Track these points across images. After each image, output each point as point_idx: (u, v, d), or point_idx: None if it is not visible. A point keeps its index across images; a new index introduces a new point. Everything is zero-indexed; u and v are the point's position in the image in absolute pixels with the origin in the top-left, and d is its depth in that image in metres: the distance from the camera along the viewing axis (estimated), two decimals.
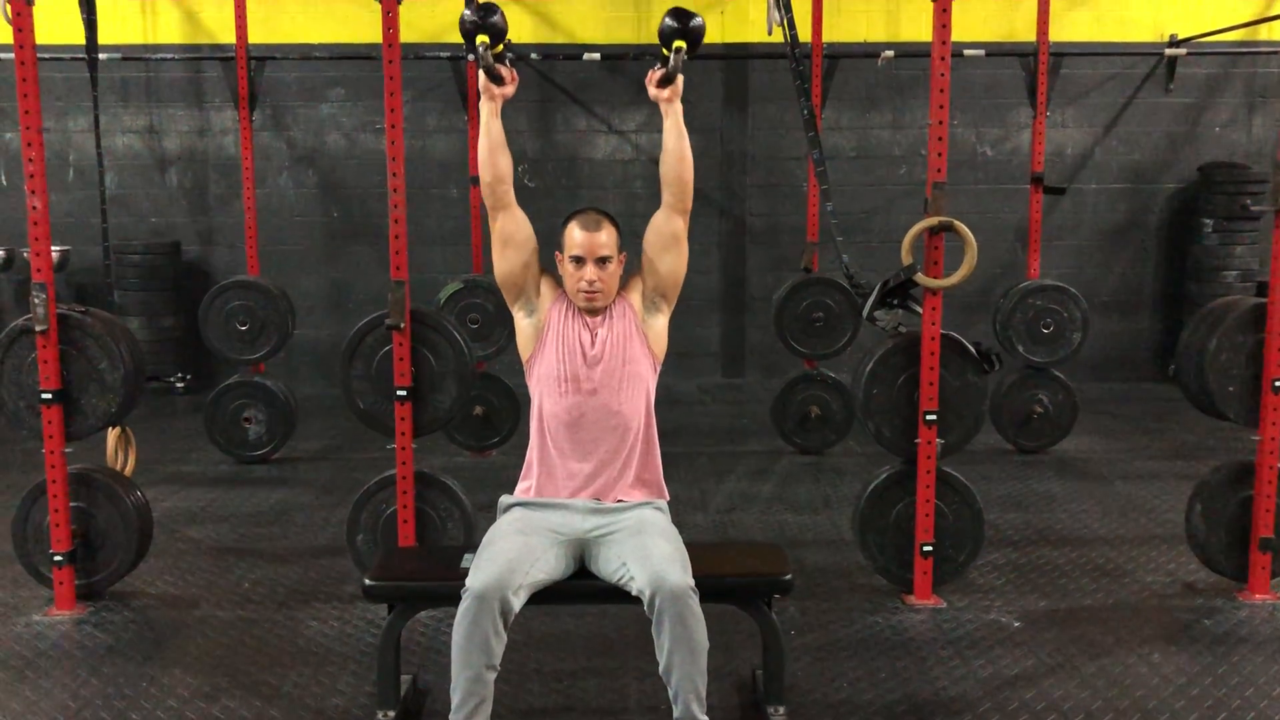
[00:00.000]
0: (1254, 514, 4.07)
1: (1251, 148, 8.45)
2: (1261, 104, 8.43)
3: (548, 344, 3.12)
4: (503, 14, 3.00)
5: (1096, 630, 3.87)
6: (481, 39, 2.96)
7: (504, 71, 3.02)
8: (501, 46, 2.99)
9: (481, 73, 3.02)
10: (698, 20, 2.98)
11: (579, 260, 3.08)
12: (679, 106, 3.04)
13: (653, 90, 3.04)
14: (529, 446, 3.17)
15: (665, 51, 2.98)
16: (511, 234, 3.10)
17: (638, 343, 3.13)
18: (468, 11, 2.99)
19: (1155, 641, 3.77)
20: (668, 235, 3.11)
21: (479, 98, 3.07)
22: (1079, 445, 6.53)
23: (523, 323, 3.17)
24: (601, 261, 3.08)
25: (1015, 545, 4.80)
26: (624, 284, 3.20)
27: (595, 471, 3.08)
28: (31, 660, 3.65)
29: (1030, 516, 5.22)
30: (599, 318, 3.13)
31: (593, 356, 3.08)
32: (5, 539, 4.35)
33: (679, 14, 2.98)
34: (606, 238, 3.09)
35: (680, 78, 3.00)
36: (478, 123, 3.08)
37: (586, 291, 3.08)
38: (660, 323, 3.18)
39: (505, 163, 3.07)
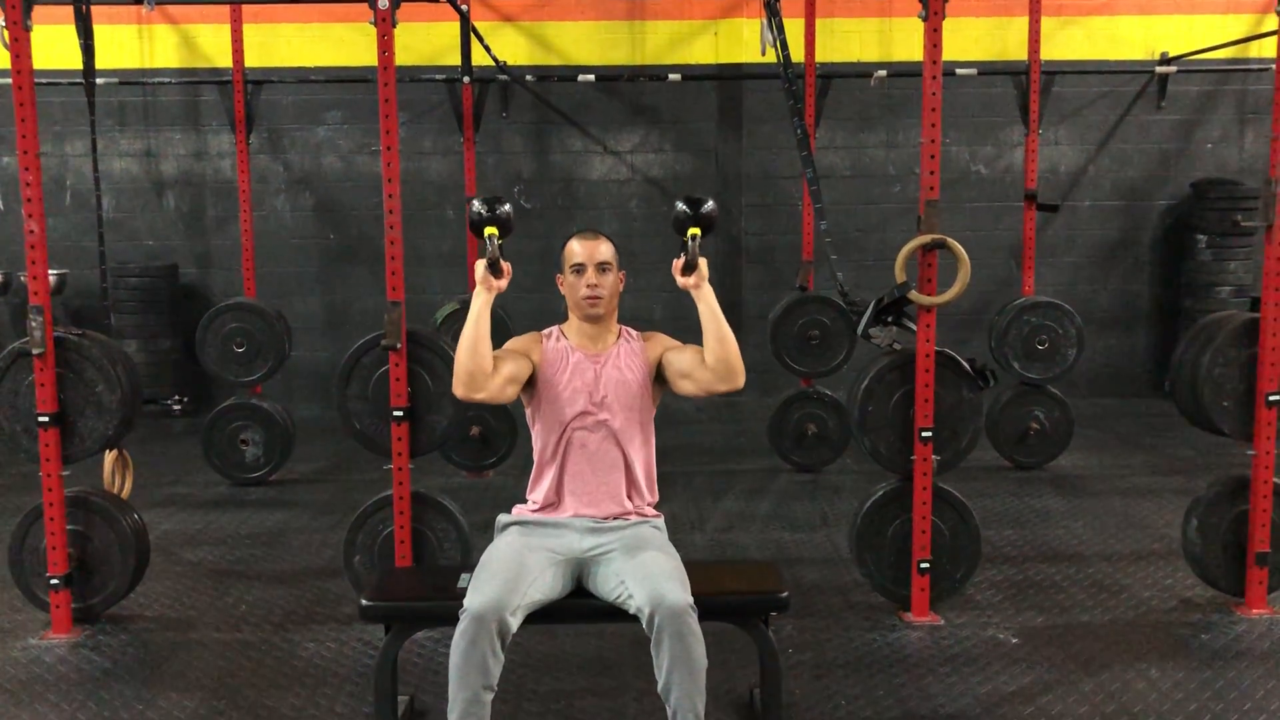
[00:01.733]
0: (1250, 529, 4.07)
1: (1244, 164, 8.49)
2: (1253, 120, 8.48)
3: (550, 386, 3.13)
4: (510, 206, 3.01)
5: (1094, 646, 3.87)
6: (490, 231, 2.96)
7: (504, 266, 2.99)
8: (503, 241, 2.98)
9: (484, 264, 2.97)
10: (709, 205, 3.00)
11: (580, 268, 3.11)
12: (709, 290, 3.02)
13: (680, 280, 3.02)
14: (531, 480, 3.19)
15: (683, 239, 3.00)
16: (510, 375, 3.06)
17: (642, 386, 3.16)
18: (477, 203, 2.99)
19: (1152, 657, 3.77)
20: (700, 384, 3.10)
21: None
22: (1075, 461, 6.54)
23: (525, 390, 3.17)
24: (602, 268, 3.11)
25: (1012, 561, 4.80)
26: (648, 335, 3.25)
27: (594, 497, 3.10)
28: (28, 684, 3.64)
29: (1027, 533, 5.23)
30: (602, 353, 3.15)
31: (597, 393, 3.11)
32: (2, 562, 4.35)
33: (691, 201, 3.00)
34: (606, 248, 3.14)
35: (703, 262, 3.00)
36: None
37: (589, 297, 3.11)
38: (660, 394, 3.23)
39: (489, 355, 2.98)
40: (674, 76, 8.10)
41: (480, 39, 7.11)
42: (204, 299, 8.31)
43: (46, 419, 3.91)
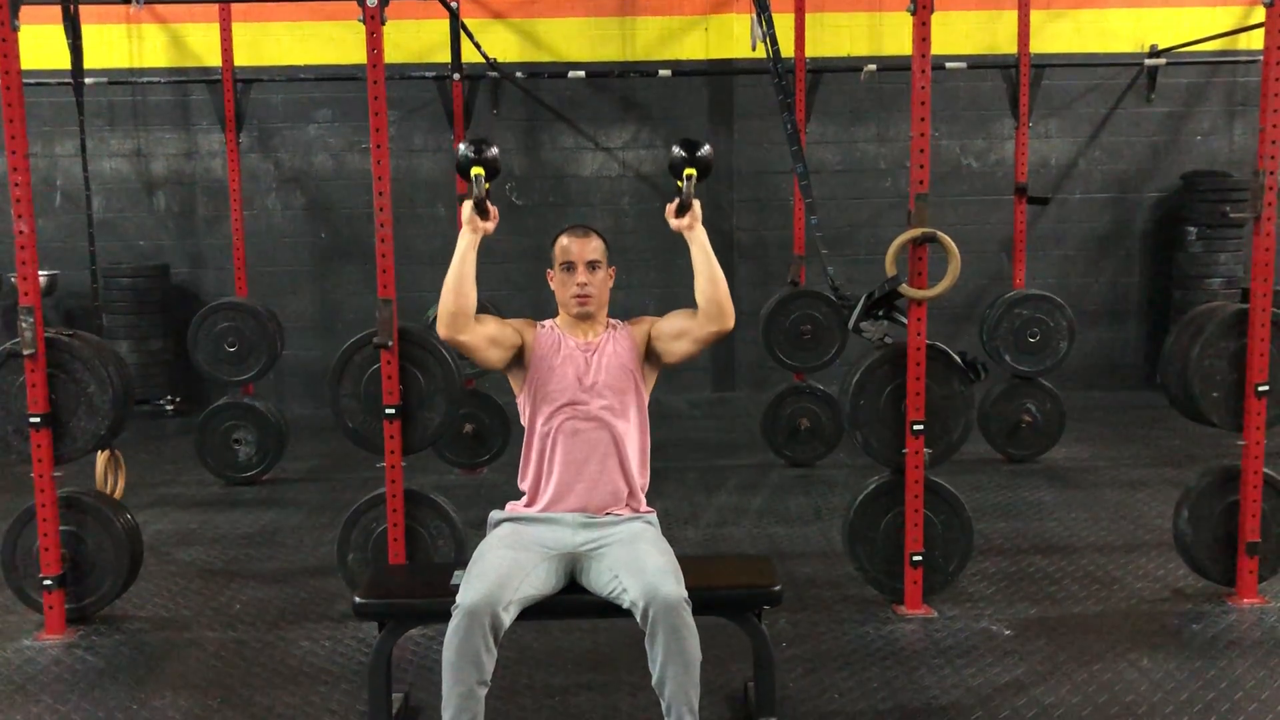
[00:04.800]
0: (1240, 518, 4.09)
1: (1233, 156, 8.52)
2: (1242, 112, 8.50)
3: (540, 373, 3.14)
4: (497, 149, 3.01)
5: (1087, 637, 3.89)
6: (477, 172, 2.97)
7: (490, 208, 3.00)
8: (489, 184, 2.99)
9: (469, 205, 2.98)
10: (705, 149, 3.02)
11: (570, 266, 3.12)
12: (701, 231, 3.03)
13: (673, 222, 3.04)
14: (521, 467, 3.19)
15: (678, 182, 3.01)
16: (492, 335, 3.09)
17: (632, 373, 3.16)
18: (463, 145, 3.00)
19: (1145, 647, 3.79)
20: (693, 336, 3.12)
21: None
22: (1067, 453, 6.56)
23: (514, 371, 3.19)
24: (591, 265, 3.11)
25: (1005, 554, 4.81)
26: (634, 319, 3.25)
27: (587, 490, 3.10)
28: (22, 685, 3.64)
29: (1019, 525, 5.24)
30: (593, 342, 3.16)
31: (588, 380, 3.11)
32: None
33: (687, 144, 3.02)
34: (595, 244, 3.15)
35: (697, 204, 3.01)
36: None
37: (579, 295, 3.12)
38: (652, 376, 3.24)
39: (473, 296, 3.01)
40: (664, 72, 8.11)
41: (470, 36, 7.10)
42: (195, 298, 8.30)
43: (38, 420, 3.90)
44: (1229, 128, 8.54)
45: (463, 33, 6.91)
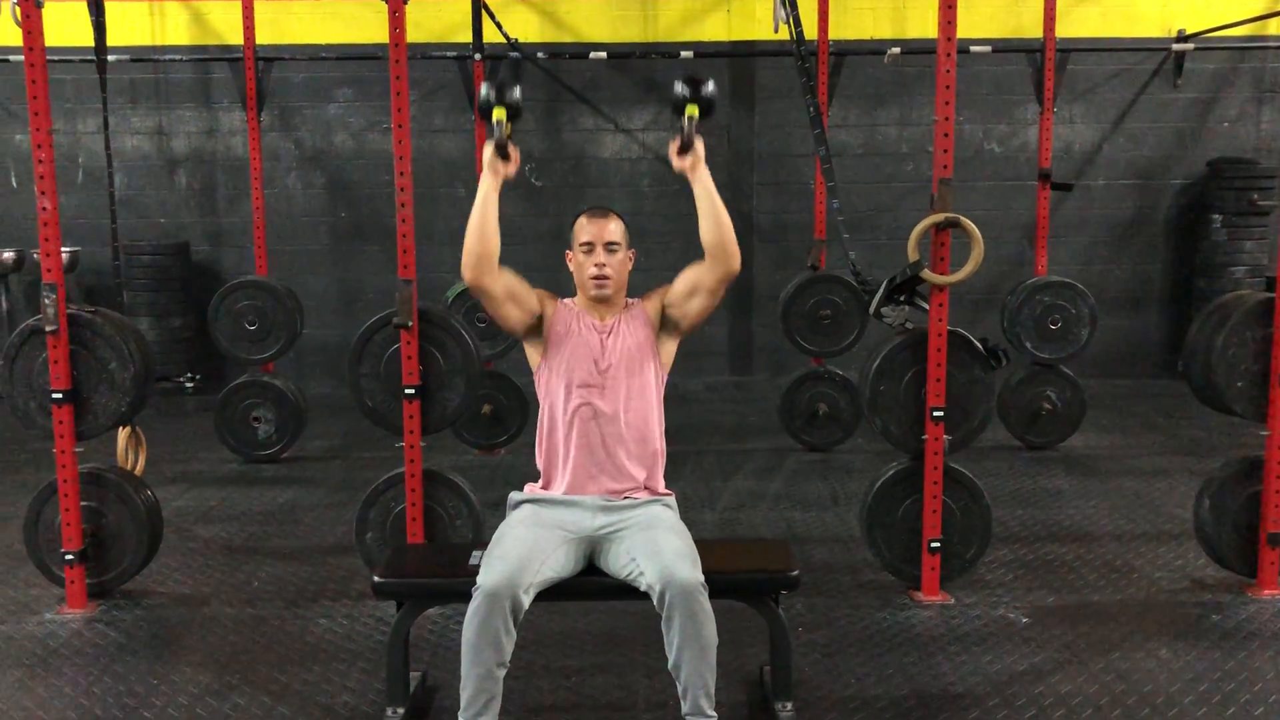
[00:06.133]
0: (1262, 509, 4.06)
1: (1260, 143, 8.42)
2: (1270, 99, 8.40)
3: (557, 350, 3.13)
4: (520, 91, 2.99)
5: (1104, 626, 3.87)
6: (499, 114, 2.95)
7: (512, 150, 2.99)
8: (511, 126, 2.97)
9: (491, 147, 2.98)
10: (709, 87, 2.97)
11: (589, 247, 3.11)
12: (705, 171, 3.00)
13: (676, 161, 3.01)
14: (537, 445, 3.19)
15: (680, 121, 2.98)
16: (514, 290, 3.10)
17: (648, 351, 3.15)
18: (485, 86, 2.99)
19: (1163, 637, 3.77)
20: (704, 287, 3.10)
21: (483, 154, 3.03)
22: (1087, 441, 6.52)
23: (532, 341, 3.19)
24: (611, 247, 3.10)
25: (1023, 541, 4.80)
26: (645, 294, 3.23)
27: (603, 472, 3.10)
28: (44, 658, 3.68)
29: (1038, 512, 5.22)
30: (609, 323, 3.15)
31: (603, 364, 3.10)
32: (17, 538, 4.38)
33: (690, 81, 2.98)
34: (615, 226, 3.13)
35: (700, 143, 2.98)
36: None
37: (596, 278, 3.11)
38: (671, 346, 3.22)
39: (495, 240, 3.01)
40: (686, 54, 8.06)
41: (492, 16, 7.08)
42: (216, 277, 8.32)
43: (60, 396, 3.93)
44: (1256, 114, 8.44)
45: (484, 12, 6.89)
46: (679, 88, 2.98)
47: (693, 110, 2.95)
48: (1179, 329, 8.35)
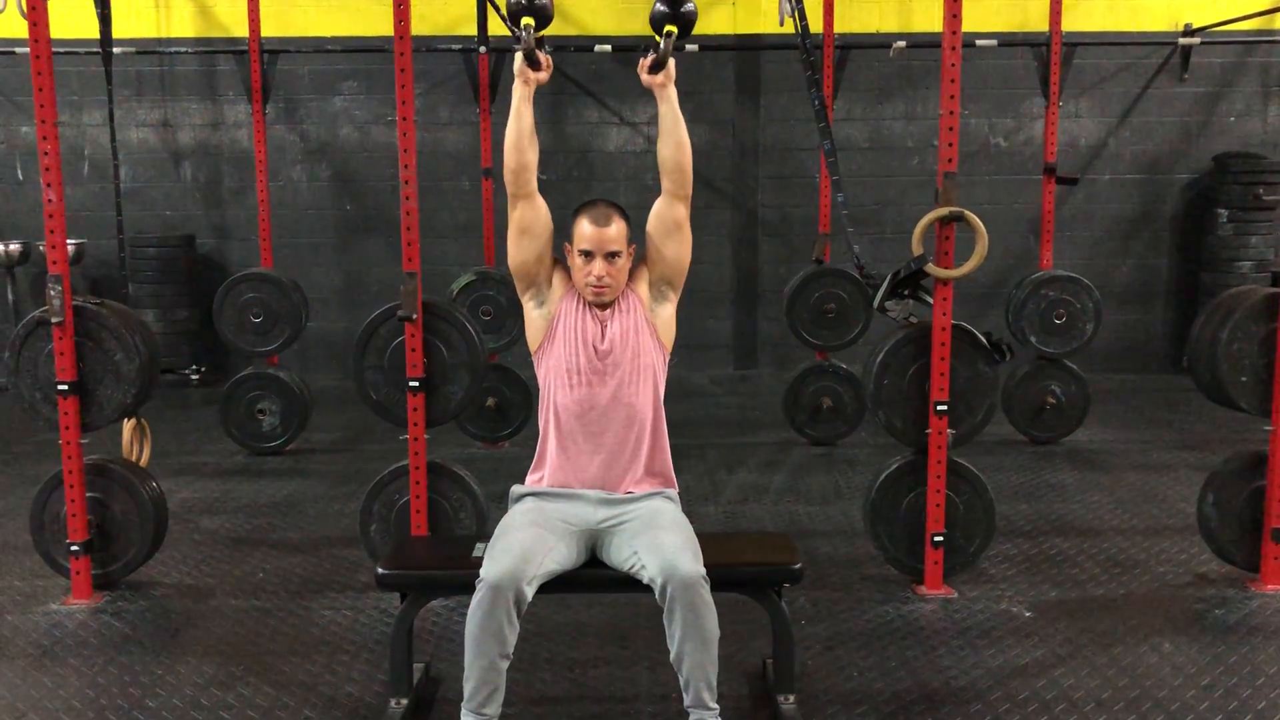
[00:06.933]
0: (1266, 504, 4.06)
1: (1267, 137, 8.41)
2: (1277, 93, 8.38)
3: (557, 336, 3.13)
4: None
5: (1108, 620, 3.87)
6: (527, 21, 2.95)
7: (542, 57, 3.00)
8: (540, 33, 2.98)
9: (520, 56, 2.99)
10: (689, 5, 3.00)
11: (588, 255, 3.08)
12: (673, 91, 3.04)
13: (645, 77, 3.04)
14: (540, 437, 3.19)
15: (657, 37, 2.99)
16: (531, 223, 3.11)
17: (647, 334, 3.13)
18: None
19: (1166, 632, 3.77)
20: (670, 222, 3.11)
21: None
22: (1091, 436, 6.52)
23: (533, 313, 3.18)
24: (610, 256, 3.08)
25: (1026, 535, 4.80)
26: (630, 275, 3.20)
27: (606, 462, 3.09)
28: (49, 648, 3.69)
29: (1042, 507, 5.22)
30: (608, 310, 3.14)
31: (603, 349, 3.09)
32: (23, 529, 4.40)
33: (670, 0, 2.99)
34: (616, 232, 3.08)
35: (672, 62, 3.00)
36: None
37: (594, 287, 3.09)
38: (668, 311, 3.18)
39: (533, 150, 3.07)
40: (691, 47, 8.05)
41: (497, 8, 7.07)
42: (221, 269, 8.35)
43: (65, 387, 3.94)
44: (1263, 108, 8.42)
45: (489, 5, 6.89)
46: (658, 5, 3.01)
47: (672, 29, 2.97)
48: (1184, 324, 8.34)
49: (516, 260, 3.14)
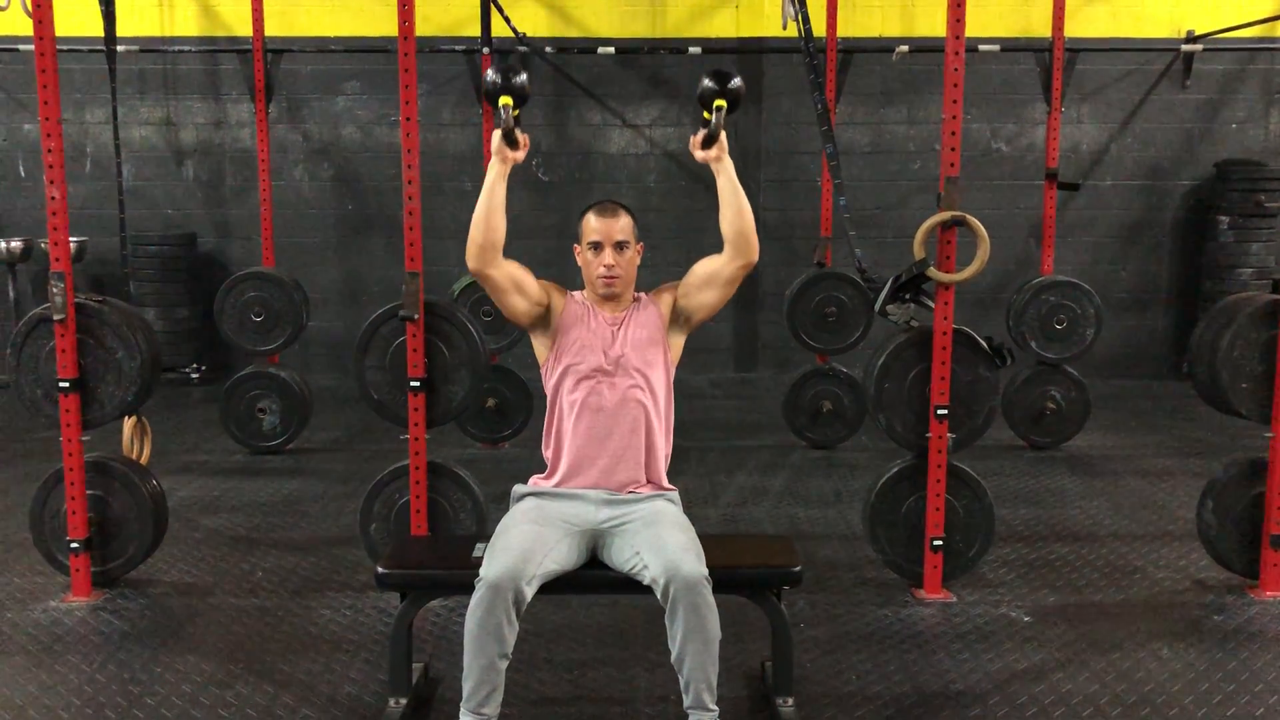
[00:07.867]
0: (1266, 511, 4.06)
1: (1269, 145, 8.42)
2: (1279, 101, 8.39)
3: (568, 341, 3.14)
4: (526, 77, 3.00)
5: (1106, 625, 3.87)
6: (505, 101, 2.94)
7: (520, 136, 2.99)
8: (518, 112, 2.98)
9: (498, 134, 2.96)
10: (736, 81, 3.01)
11: (597, 246, 3.11)
12: (729, 163, 3.04)
13: (699, 153, 3.04)
14: (544, 436, 3.19)
15: (706, 114, 3.00)
16: (519, 279, 3.10)
17: (658, 344, 3.15)
18: (491, 72, 2.97)
19: (1165, 637, 3.77)
20: (723, 277, 3.13)
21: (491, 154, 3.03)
22: (1091, 441, 6.52)
23: (539, 333, 3.20)
24: (619, 246, 3.10)
25: (1026, 540, 4.80)
26: (656, 290, 3.24)
27: (609, 465, 3.10)
28: (48, 645, 3.69)
29: (1041, 512, 5.22)
30: (619, 315, 3.15)
31: (612, 354, 3.11)
32: (23, 526, 4.40)
33: (718, 75, 3.01)
34: (623, 224, 3.13)
35: (724, 135, 3.01)
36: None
37: (605, 276, 3.11)
38: (680, 340, 3.24)
39: (502, 228, 3.00)
40: (694, 50, 8.07)
41: (500, 10, 7.09)
42: (222, 268, 8.35)
43: (67, 384, 3.94)
44: (1265, 116, 8.43)
45: (493, 6, 6.89)
46: (707, 81, 3.01)
47: (721, 103, 2.98)
48: (1185, 330, 8.35)
49: (520, 310, 3.13)
